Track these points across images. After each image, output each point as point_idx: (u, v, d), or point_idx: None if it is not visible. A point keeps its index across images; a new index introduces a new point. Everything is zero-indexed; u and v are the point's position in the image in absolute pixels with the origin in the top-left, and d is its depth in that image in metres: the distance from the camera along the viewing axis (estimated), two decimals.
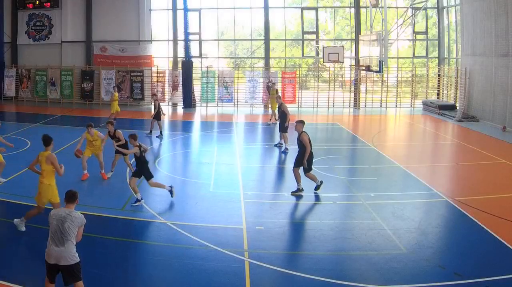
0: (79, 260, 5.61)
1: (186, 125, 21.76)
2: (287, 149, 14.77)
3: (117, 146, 11.30)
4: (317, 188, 10.57)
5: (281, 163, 14.12)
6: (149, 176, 9.88)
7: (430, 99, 25.70)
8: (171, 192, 10.08)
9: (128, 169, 12.01)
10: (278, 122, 15.89)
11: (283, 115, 15.13)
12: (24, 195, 9.90)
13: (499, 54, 19.32)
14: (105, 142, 11.89)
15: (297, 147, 10.60)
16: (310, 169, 10.41)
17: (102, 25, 26.36)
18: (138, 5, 26.20)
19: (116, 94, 20.62)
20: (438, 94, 26.48)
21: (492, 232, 8.35)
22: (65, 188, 11.09)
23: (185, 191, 11.12)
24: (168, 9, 26.52)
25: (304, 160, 10.17)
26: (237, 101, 25.86)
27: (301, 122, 10.43)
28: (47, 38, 26.96)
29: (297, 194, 10.43)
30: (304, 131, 10.33)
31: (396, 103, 26.22)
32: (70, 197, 5.88)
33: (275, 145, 15.77)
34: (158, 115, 17.30)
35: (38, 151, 14.35)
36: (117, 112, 20.01)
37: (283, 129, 15.06)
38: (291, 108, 21.06)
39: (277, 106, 16.02)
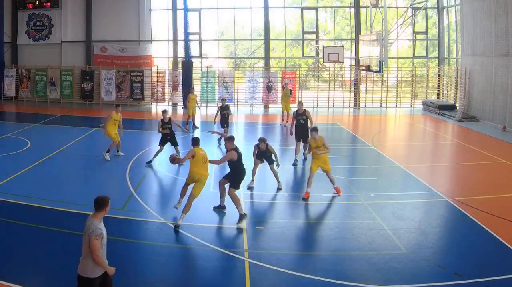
0: (85, 276, 5.18)
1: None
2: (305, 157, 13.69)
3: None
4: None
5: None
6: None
7: (430, 99, 25.70)
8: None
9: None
10: (290, 128, 13.93)
11: (307, 123, 13.61)
12: (24, 195, 9.90)
13: (499, 54, 19.32)
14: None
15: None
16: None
17: (102, 25, 26.36)
18: (138, 5, 26.20)
19: (192, 96, 19.10)
20: (438, 94, 26.49)
21: (492, 232, 8.35)
22: (68, 186, 11.12)
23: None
24: (168, 9, 26.54)
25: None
26: (237, 101, 25.85)
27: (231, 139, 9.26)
28: (47, 38, 26.96)
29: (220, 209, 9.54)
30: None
31: (396, 103, 26.22)
32: (96, 204, 5.30)
33: (304, 159, 13.80)
34: (227, 121, 16.76)
35: (38, 151, 14.42)
36: (190, 116, 18.81)
37: (306, 139, 13.26)
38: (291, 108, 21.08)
39: (298, 112, 13.76)
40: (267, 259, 7.33)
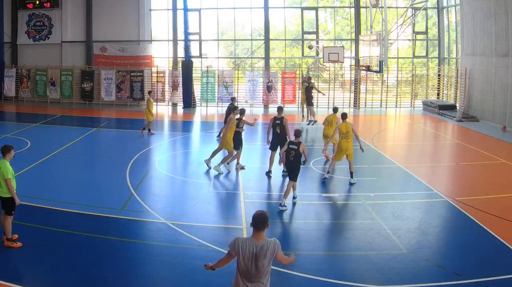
0: None
1: (186, 125, 21.77)
2: (315, 121, 18.61)
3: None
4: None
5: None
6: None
7: (430, 99, 25.69)
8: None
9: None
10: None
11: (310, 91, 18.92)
12: (24, 195, 9.87)
13: (499, 54, 19.32)
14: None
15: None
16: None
17: (102, 25, 26.34)
18: (138, 5, 26.18)
19: (148, 99, 17.84)
20: (438, 94, 26.48)
21: (492, 232, 8.35)
22: (68, 186, 11.13)
23: (185, 191, 11.13)
24: (168, 9, 26.52)
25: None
26: (237, 101, 25.80)
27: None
28: (47, 38, 26.94)
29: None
30: None
31: (396, 103, 26.21)
32: (259, 223, 4.68)
33: (308, 124, 18.79)
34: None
35: (38, 151, 14.45)
36: (149, 122, 17.47)
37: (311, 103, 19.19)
38: (291, 108, 21.09)
39: (308, 86, 19.15)
40: None
